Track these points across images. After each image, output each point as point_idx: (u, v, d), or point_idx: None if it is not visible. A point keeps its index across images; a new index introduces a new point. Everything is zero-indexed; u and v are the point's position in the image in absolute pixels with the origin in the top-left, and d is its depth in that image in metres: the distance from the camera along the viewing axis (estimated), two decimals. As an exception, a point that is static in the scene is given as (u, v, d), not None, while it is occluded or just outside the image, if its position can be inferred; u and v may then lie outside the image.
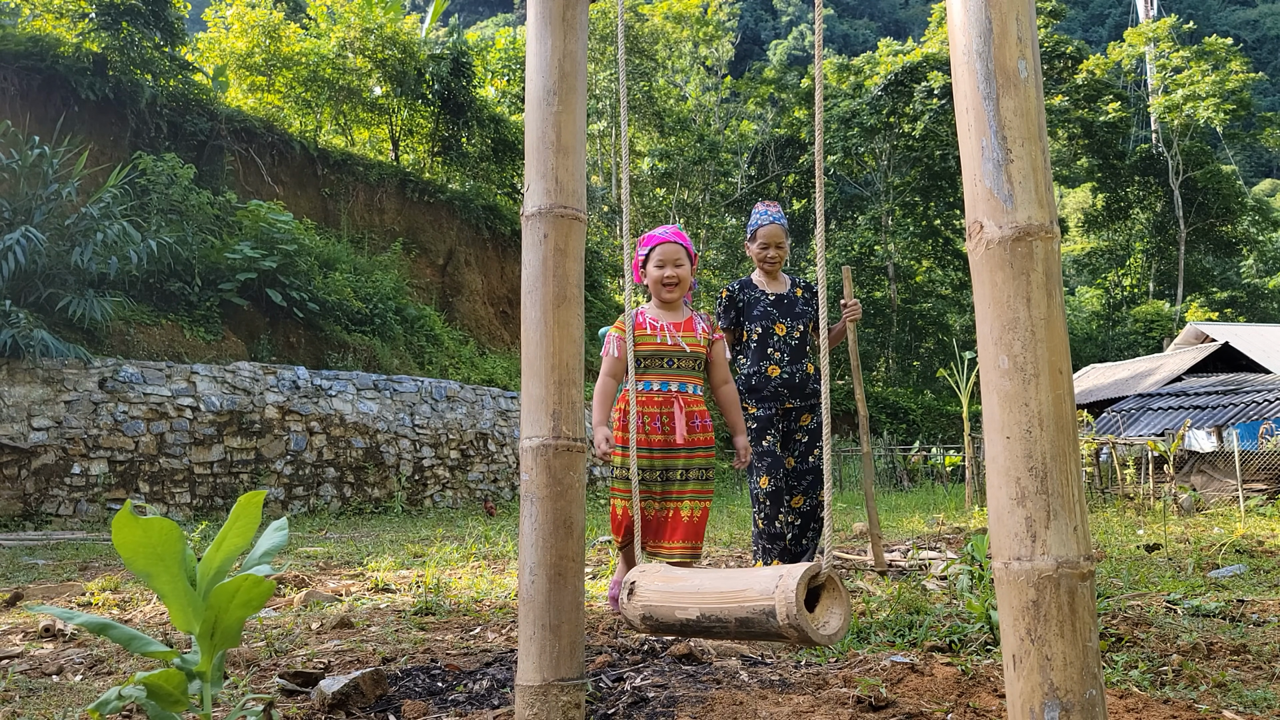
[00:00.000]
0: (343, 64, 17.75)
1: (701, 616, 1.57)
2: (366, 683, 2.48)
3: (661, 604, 1.66)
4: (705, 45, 33.94)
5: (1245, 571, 5.17)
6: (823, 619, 1.51)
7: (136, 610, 4.13)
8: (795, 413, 4.44)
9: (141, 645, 1.69)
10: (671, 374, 3.49)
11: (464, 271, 17.92)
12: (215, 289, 11.69)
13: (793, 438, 4.44)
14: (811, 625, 1.46)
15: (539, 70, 2.03)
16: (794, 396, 4.43)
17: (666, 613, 1.64)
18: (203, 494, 10.34)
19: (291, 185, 15.64)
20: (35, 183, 10.15)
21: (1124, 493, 12.76)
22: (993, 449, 1.26)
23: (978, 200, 1.29)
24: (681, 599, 1.63)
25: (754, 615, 1.50)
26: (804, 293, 4.55)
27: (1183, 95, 33.91)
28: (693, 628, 1.60)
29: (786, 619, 1.45)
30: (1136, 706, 2.38)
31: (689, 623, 1.60)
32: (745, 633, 1.55)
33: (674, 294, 3.52)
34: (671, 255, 3.52)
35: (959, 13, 1.32)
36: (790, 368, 4.43)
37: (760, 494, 4.33)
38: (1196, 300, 35.23)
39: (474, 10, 62.99)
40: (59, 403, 9.41)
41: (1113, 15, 70.01)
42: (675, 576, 1.69)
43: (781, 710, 2.36)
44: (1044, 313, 1.24)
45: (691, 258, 3.57)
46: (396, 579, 5.16)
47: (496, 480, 13.96)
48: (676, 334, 3.50)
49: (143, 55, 12.96)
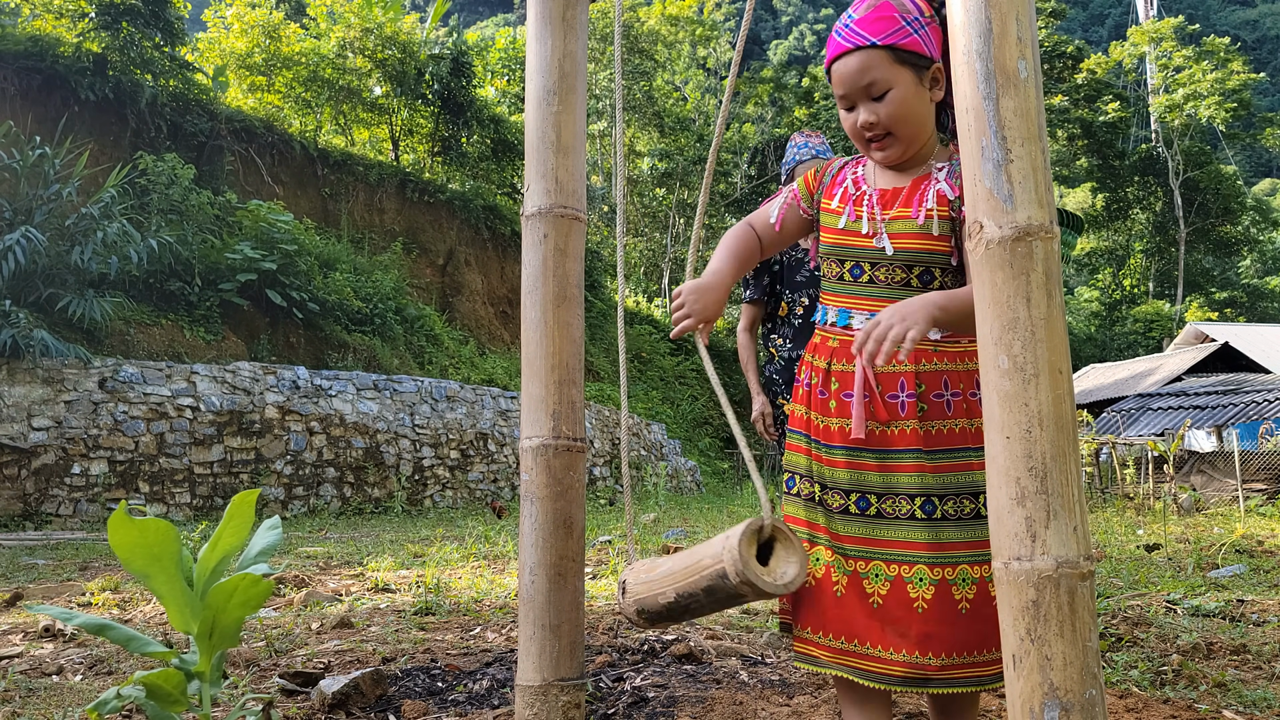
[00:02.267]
0: (343, 64, 17.76)
1: (678, 597, 1.59)
2: (366, 683, 2.48)
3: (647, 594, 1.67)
4: (703, 46, 33.95)
5: (1245, 571, 5.17)
6: (779, 570, 1.50)
7: (136, 610, 4.13)
8: None
9: (140, 646, 1.69)
10: (859, 295, 1.67)
11: (464, 271, 17.93)
12: (215, 289, 11.69)
13: None
14: (764, 578, 1.46)
15: (539, 70, 2.03)
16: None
17: (652, 601, 1.66)
18: (203, 494, 10.34)
19: (291, 185, 15.65)
20: (36, 183, 10.16)
21: (1124, 493, 12.76)
22: (992, 449, 1.26)
23: (977, 200, 1.29)
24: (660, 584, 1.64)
25: (714, 582, 1.51)
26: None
27: (1184, 95, 33.93)
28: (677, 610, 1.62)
29: (737, 577, 1.45)
30: (1136, 706, 2.38)
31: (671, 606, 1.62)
32: (715, 602, 1.55)
33: (886, 151, 1.65)
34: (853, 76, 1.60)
35: (959, 13, 1.32)
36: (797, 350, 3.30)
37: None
38: (1196, 300, 35.25)
39: (474, 10, 63.02)
40: (59, 403, 9.41)
41: (1113, 15, 70.01)
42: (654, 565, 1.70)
43: (782, 710, 2.35)
44: (1044, 313, 1.24)
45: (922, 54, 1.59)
46: (396, 579, 5.16)
47: (496, 480, 13.96)
48: (880, 214, 1.65)
49: (143, 55, 12.96)
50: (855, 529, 1.60)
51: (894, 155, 1.65)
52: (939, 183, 1.61)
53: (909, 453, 1.57)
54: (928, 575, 1.53)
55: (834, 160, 1.81)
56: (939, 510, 1.56)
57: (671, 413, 21.17)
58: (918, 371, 1.59)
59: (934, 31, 1.60)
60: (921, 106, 1.61)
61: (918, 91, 1.59)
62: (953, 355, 1.60)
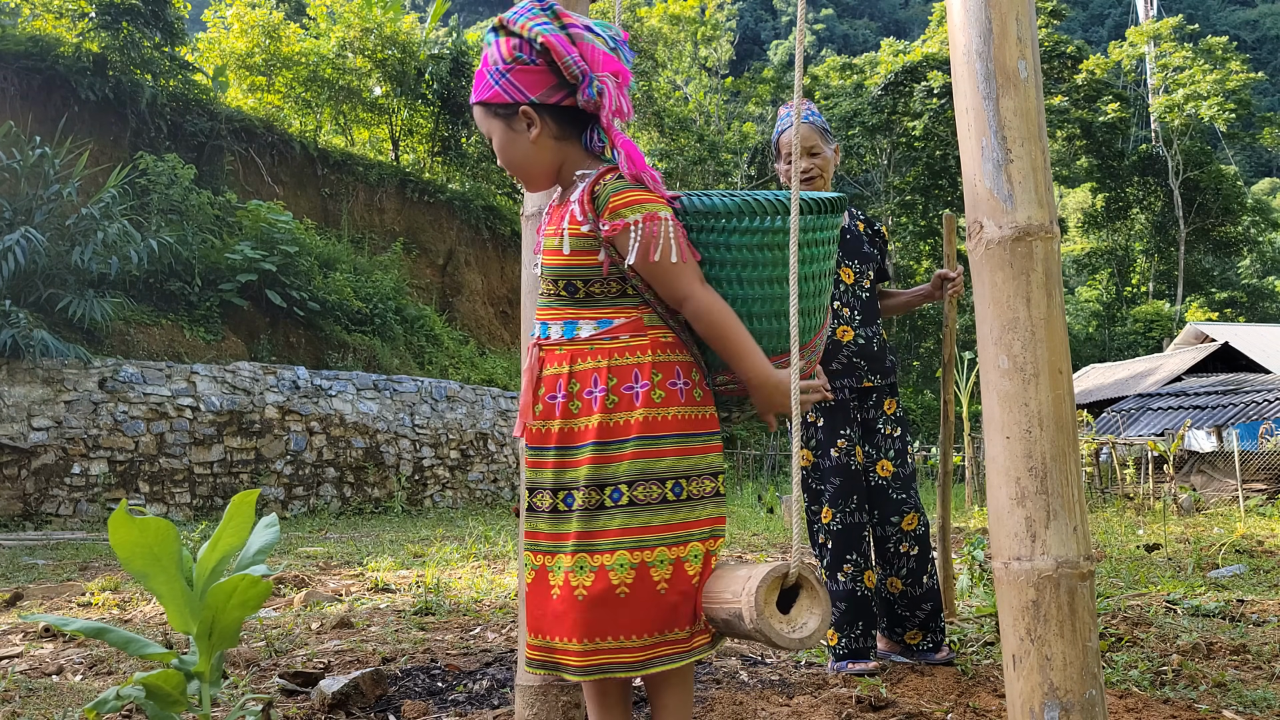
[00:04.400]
0: (343, 64, 17.76)
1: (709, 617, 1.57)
2: (366, 683, 2.48)
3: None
4: (705, 46, 33.94)
5: (1245, 571, 5.17)
6: (799, 620, 1.45)
7: (136, 610, 4.13)
8: (877, 396, 3.00)
9: (139, 648, 1.69)
10: (539, 308, 1.77)
11: (464, 271, 17.93)
12: (215, 289, 11.70)
13: (878, 432, 2.98)
14: (778, 630, 1.41)
15: (538, 70, 2.02)
16: (874, 372, 2.99)
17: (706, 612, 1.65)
18: (203, 494, 10.34)
19: (291, 185, 15.65)
20: (36, 183, 10.16)
21: (1124, 493, 12.76)
22: (992, 449, 1.26)
23: (978, 200, 1.29)
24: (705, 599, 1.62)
25: (730, 619, 1.47)
26: (866, 228, 3.17)
27: (1184, 95, 33.94)
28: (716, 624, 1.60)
29: (751, 623, 1.41)
30: (1136, 706, 2.38)
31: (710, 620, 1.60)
32: (732, 633, 1.54)
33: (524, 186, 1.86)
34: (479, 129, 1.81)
35: (959, 13, 1.32)
36: (865, 330, 2.99)
37: (823, 531, 2.90)
38: (1196, 300, 35.24)
39: (474, 10, 63.00)
40: (59, 403, 9.41)
41: (1113, 15, 70.00)
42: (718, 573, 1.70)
43: (781, 710, 2.35)
44: (1044, 313, 1.24)
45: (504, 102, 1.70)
46: (396, 579, 5.16)
47: (496, 480, 13.95)
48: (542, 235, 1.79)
49: (143, 55, 12.96)
50: (547, 525, 1.63)
51: (528, 188, 1.84)
52: (572, 203, 1.66)
53: (586, 446, 1.60)
54: (627, 560, 1.53)
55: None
56: (566, 505, 1.60)
57: (671, 413, 21.14)
58: (572, 371, 1.64)
59: (521, 74, 1.65)
60: (517, 150, 1.70)
61: (510, 137, 1.69)
62: (605, 352, 1.63)
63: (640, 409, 1.59)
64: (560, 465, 1.63)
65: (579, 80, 1.63)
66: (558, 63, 1.62)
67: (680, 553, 1.55)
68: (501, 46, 1.65)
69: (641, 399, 1.59)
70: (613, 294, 1.65)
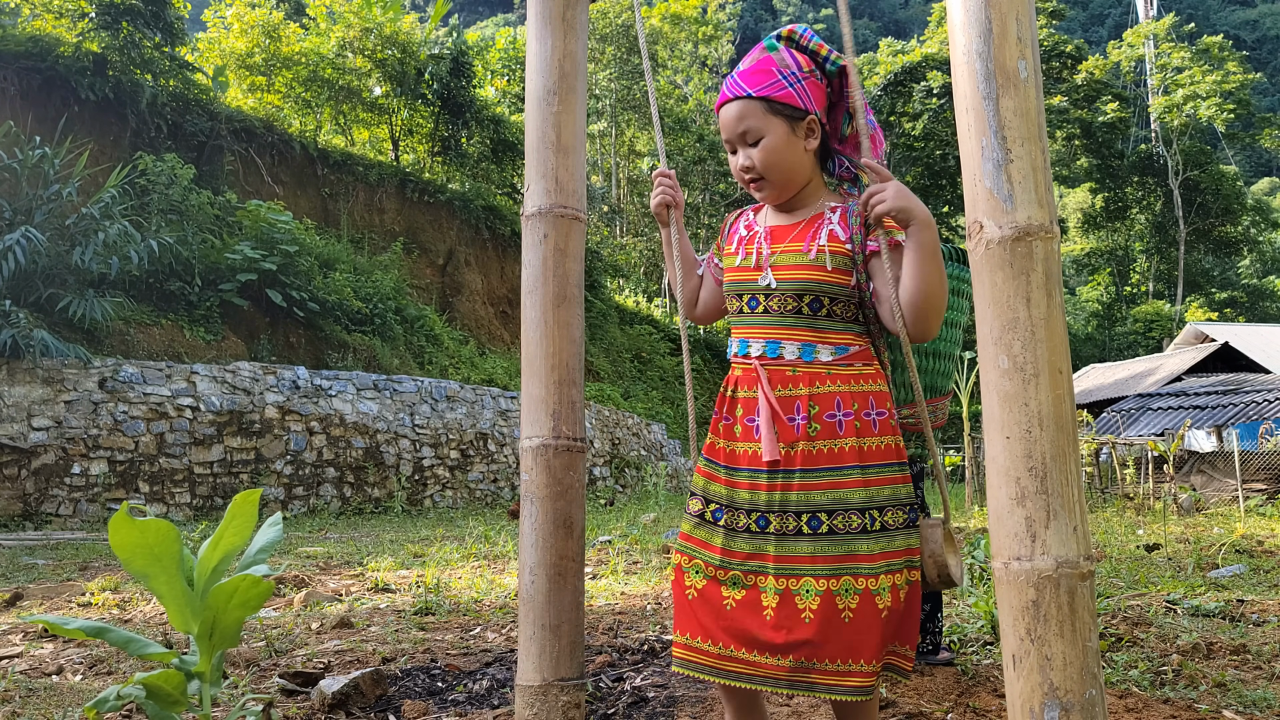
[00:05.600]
0: (342, 64, 17.77)
1: None
2: (366, 683, 2.48)
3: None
4: (705, 45, 33.94)
5: (1245, 571, 5.17)
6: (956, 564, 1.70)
7: (136, 610, 4.13)
8: None
9: (139, 648, 1.69)
10: (755, 325, 1.76)
11: (464, 271, 17.93)
12: (215, 289, 11.69)
13: None
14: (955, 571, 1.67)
15: (539, 70, 2.03)
16: None
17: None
18: (203, 494, 10.34)
19: (291, 185, 15.65)
20: (36, 183, 10.16)
21: (1124, 493, 12.76)
22: (992, 449, 1.26)
23: (977, 200, 1.29)
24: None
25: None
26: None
27: (1183, 95, 33.94)
28: None
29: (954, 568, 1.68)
30: (1136, 706, 2.38)
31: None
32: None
33: (763, 192, 1.78)
34: (731, 123, 1.74)
35: (959, 13, 1.32)
36: None
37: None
38: (1196, 300, 35.26)
39: (474, 10, 62.96)
40: (59, 403, 9.41)
41: (1113, 15, 69.99)
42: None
43: (781, 710, 2.36)
44: (1044, 313, 1.24)
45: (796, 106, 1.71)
46: (396, 579, 5.16)
47: (496, 480, 13.95)
48: (768, 250, 1.76)
49: (143, 55, 12.96)
50: (748, 545, 1.66)
51: (770, 196, 1.79)
52: (832, 224, 1.73)
53: (797, 472, 1.66)
54: (814, 587, 1.60)
55: (730, 215, 1.93)
56: (825, 525, 1.64)
57: (672, 413, 21.15)
58: (811, 394, 1.69)
59: (812, 86, 1.73)
60: (793, 155, 1.73)
61: (790, 141, 1.71)
62: (845, 378, 1.70)
63: (888, 435, 1.69)
64: (800, 488, 1.66)
65: (854, 112, 1.72)
66: (847, 90, 1.73)
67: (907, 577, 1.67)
68: (796, 56, 1.73)
69: (879, 426, 1.69)
70: (847, 317, 1.72)
